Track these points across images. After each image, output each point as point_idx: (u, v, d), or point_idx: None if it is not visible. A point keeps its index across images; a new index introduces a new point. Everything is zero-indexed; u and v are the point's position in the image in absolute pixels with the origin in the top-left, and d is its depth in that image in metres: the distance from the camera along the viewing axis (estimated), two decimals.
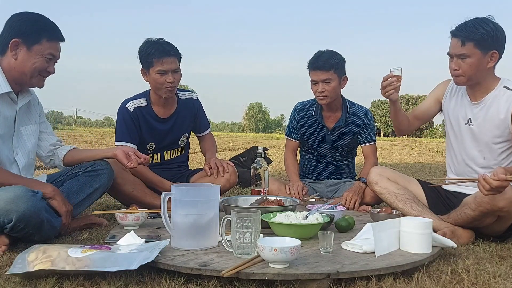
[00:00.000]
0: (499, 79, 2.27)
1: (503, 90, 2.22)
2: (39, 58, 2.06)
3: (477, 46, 2.13)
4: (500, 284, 1.57)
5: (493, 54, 2.16)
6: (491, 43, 2.14)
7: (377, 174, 2.45)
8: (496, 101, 2.23)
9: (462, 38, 2.15)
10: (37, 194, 1.88)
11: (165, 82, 2.71)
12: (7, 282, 1.54)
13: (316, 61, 2.93)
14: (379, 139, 40.09)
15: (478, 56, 2.15)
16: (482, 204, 2.00)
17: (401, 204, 2.31)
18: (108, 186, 2.40)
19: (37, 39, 2.05)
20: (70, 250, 1.58)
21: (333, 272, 1.50)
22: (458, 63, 2.20)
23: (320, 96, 2.96)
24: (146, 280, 1.54)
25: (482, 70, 2.19)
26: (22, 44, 2.04)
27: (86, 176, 2.29)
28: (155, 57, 2.68)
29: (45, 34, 2.07)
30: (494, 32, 2.13)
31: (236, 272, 1.47)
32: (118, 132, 2.82)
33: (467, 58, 2.16)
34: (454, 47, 2.20)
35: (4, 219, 1.80)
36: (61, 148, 2.40)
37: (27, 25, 2.05)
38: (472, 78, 2.21)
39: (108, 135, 19.71)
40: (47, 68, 2.11)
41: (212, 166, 2.88)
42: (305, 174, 3.26)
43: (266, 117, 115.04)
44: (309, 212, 2.04)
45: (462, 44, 2.16)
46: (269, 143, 15.58)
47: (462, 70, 2.19)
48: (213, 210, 1.78)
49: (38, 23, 2.08)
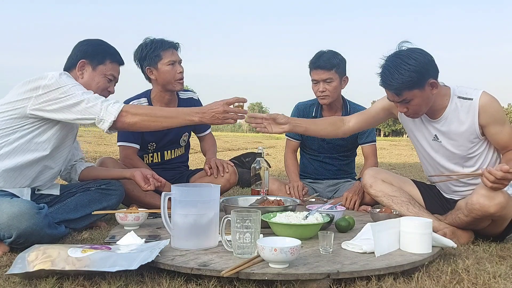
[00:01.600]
0: (449, 90, 2.18)
1: (459, 102, 2.14)
2: (102, 78, 2.23)
3: (412, 88, 2.02)
4: (500, 284, 1.57)
5: (431, 83, 2.06)
6: (421, 78, 2.02)
7: (371, 177, 2.42)
8: (455, 115, 2.15)
9: (394, 90, 2.07)
10: (42, 210, 1.87)
11: (176, 73, 2.74)
12: (7, 282, 1.54)
13: (317, 61, 2.93)
14: (379, 139, 40.11)
15: (419, 94, 2.05)
16: (474, 211, 1.98)
17: (397, 207, 2.29)
18: (116, 207, 2.42)
19: (102, 60, 2.23)
20: (70, 250, 1.58)
21: (333, 272, 1.50)
22: (404, 106, 2.12)
23: (321, 95, 2.96)
24: (146, 280, 1.55)
25: (430, 100, 2.11)
26: (88, 65, 2.21)
27: (98, 193, 2.33)
28: (162, 50, 2.71)
29: (108, 56, 2.26)
30: (420, 66, 2.01)
31: (236, 272, 1.47)
32: (120, 132, 2.82)
33: (410, 100, 2.07)
34: (391, 96, 2.13)
35: (5, 233, 1.81)
36: (80, 164, 2.47)
37: (94, 48, 2.25)
38: (424, 110, 2.15)
39: (108, 135, 19.68)
40: (108, 88, 2.27)
41: (212, 166, 2.88)
42: (305, 174, 3.26)
43: None
44: (309, 212, 2.04)
45: (398, 94, 2.07)
46: (269, 143, 15.58)
47: (413, 110, 2.12)
48: (213, 210, 1.78)
49: (103, 46, 2.29)
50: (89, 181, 2.39)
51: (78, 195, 2.29)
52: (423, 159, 2.39)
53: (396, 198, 2.32)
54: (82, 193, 2.30)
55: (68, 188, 2.34)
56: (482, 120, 2.11)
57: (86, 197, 2.28)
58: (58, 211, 2.16)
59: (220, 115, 2.09)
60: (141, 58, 2.77)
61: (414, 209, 2.26)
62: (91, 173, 2.46)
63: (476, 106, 2.11)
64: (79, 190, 2.32)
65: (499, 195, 1.94)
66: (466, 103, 2.13)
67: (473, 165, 2.21)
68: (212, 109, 2.10)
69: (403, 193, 2.34)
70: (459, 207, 2.14)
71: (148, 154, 2.94)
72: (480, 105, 2.10)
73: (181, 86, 2.81)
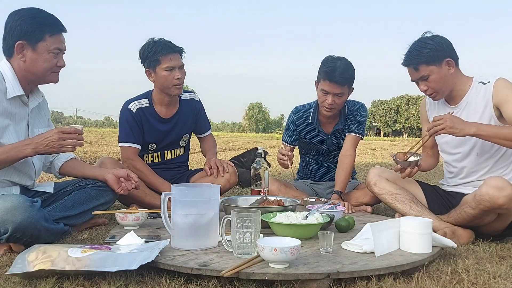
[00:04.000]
0: (472, 78, 2.33)
1: (479, 86, 2.29)
2: (47, 55, 2.05)
3: (429, 63, 2.25)
4: (500, 284, 1.57)
5: (448, 62, 2.26)
6: (440, 55, 2.24)
7: (376, 175, 2.45)
8: (474, 98, 2.28)
9: (413, 65, 2.29)
10: (35, 203, 1.87)
11: (174, 79, 2.72)
12: (7, 282, 1.54)
13: (332, 74, 2.76)
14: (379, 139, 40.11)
15: (436, 71, 2.25)
16: (482, 202, 2.01)
17: (400, 205, 2.31)
18: (112, 202, 2.42)
19: (40, 37, 2.02)
20: (70, 250, 1.58)
21: (333, 272, 1.50)
22: (424, 84, 2.30)
23: (329, 107, 2.86)
24: (146, 280, 1.55)
25: (448, 79, 2.28)
26: (27, 45, 2.02)
27: (94, 189, 2.31)
28: (162, 54, 2.69)
29: (47, 30, 2.04)
30: (436, 45, 2.25)
31: (236, 272, 1.47)
32: (121, 133, 2.82)
33: (428, 77, 2.26)
34: (412, 74, 2.33)
35: (0, 229, 1.80)
36: (58, 159, 2.39)
37: (28, 24, 2.00)
38: (444, 90, 2.30)
39: (108, 135, 19.72)
40: (57, 63, 2.10)
41: (212, 166, 2.89)
42: (305, 176, 3.25)
43: (266, 117, 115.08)
44: (309, 212, 2.04)
45: (416, 70, 2.29)
46: (269, 143, 15.59)
47: (431, 88, 2.30)
48: (213, 210, 1.78)
49: (38, 19, 2.04)
50: (83, 179, 2.36)
51: (74, 193, 2.27)
52: (441, 148, 2.47)
53: (399, 196, 2.33)
54: (79, 191, 2.29)
55: (63, 187, 2.33)
56: (495, 99, 2.21)
57: (83, 194, 2.27)
58: (56, 209, 2.15)
59: (55, 143, 1.97)
60: (142, 59, 2.77)
61: (416, 208, 2.27)
62: (70, 171, 2.39)
63: (491, 87, 2.23)
64: (75, 188, 2.31)
65: (508, 187, 1.97)
66: (484, 87, 2.27)
67: (487, 151, 2.27)
68: (46, 138, 1.97)
69: (406, 192, 2.36)
70: (465, 201, 2.15)
71: (149, 154, 2.95)
72: (494, 85, 2.22)
73: (179, 92, 2.79)
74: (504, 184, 1.98)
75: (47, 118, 2.31)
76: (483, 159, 2.29)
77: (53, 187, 2.29)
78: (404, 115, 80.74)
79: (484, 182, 2.05)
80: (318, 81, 2.88)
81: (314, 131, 3.06)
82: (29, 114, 2.14)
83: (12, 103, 2.05)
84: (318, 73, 2.88)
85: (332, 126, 3.03)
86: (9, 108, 2.03)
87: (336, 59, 2.84)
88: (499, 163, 2.27)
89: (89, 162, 5.81)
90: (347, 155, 2.92)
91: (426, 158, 2.55)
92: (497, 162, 2.27)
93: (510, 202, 1.97)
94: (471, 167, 2.32)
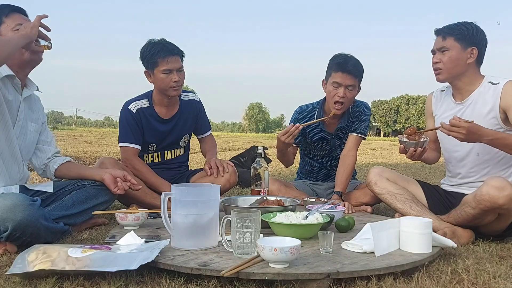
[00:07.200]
0: (483, 77, 2.33)
1: (488, 86, 2.28)
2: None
3: (457, 40, 2.27)
4: (500, 284, 1.57)
5: (472, 50, 2.27)
6: (471, 40, 2.27)
7: (376, 174, 2.45)
8: (481, 97, 2.28)
9: (444, 33, 2.31)
10: (35, 202, 1.87)
11: (171, 82, 2.71)
12: (7, 282, 1.54)
13: (345, 64, 2.75)
14: (379, 139, 40.08)
15: (458, 50, 2.27)
16: (482, 201, 2.01)
17: (400, 204, 2.31)
18: (112, 201, 2.43)
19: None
20: (70, 250, 1.58)
21: (333, 272, 1.50)
22: (438, 56, 2.32)
23: (340, 101, 2.79)
24: (146, 280, 1.55)
25: (461, 65, 2.28)
26: None
27: (94, 189, 2.31)
28: (160, 57, 2.68)
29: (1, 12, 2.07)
30: (474, 31, 2.27)
31: (236, 272, 1.47)
32: (121, 133, 2.83)
33: (447, 51, 2.28)
34: (437, 42, 2.35)
35: (0, 227, 1.80)
36: (53, 162, 2.38)
37: None
38: (451, 72, 2.29)
39: (108, 135, 19.72)
40: None
41: (212, 166, 2.89)
42: (305, 177, 3.25)
43: (266, 117, 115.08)
44: (309, 212, 2.04)
45: (443, 39, 2.30)
46: (269, 143, 15.54)
47: (442, 63, 2.30)
48: (213, 210, 1.78)
49: None
50: (82, 179, 2.36)
51: (74, 193, 2.28)
52: (443, 146, 2.48)
53: (399, 196, 2.33)
54: (78, 191, 2.29)
55: (63, 186, 2.33)
56: (503, 102, 2.20)
57: (83, 194, 2.27)
58: (56, 209, 2.16)
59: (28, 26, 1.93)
60: (142, 59, 2.77)
61: (417, 208, 2.27)
62: (66, 174, 2.39)
63: (500, 89, 2.22)
64: (75, 188, 2.31)
65: (509, 187, 1.97)
66: (493, 87, 2.27)
67: (488, 152, 2.26)
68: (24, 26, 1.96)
69: (407, 192, 2.36)
70: (465, 201, 2.15)
71: (149, 154, 2.95)
72: (504, 88, 2.21)
73: (176, 93, 2.78)
74: (504, 184, 1.98)
75: (41, 116, 2.32)
76: (483, 159, 2.29)
77: (52, 187, 2.30)
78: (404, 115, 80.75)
79: (484, 182, 2.06)
80: (329, 76, 2.84)
81: (318, 130, 3.05)
82: (21, 102, 2.16)
83: (6, 85, 2.06)
84: (328, 68, 2.87)
85: (336, 125, 3.02)
86: (3, 88, 2.04)
87: (346, 55, 2.86)
88: (500, 165, 2.27)
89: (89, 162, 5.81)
90: (349, 155, 2.91)
91: (429, 151, 2.55)
92: (498, 164, 2.27)
93: (510, 202, 1.97)
94: (471, 167, 2.32)
